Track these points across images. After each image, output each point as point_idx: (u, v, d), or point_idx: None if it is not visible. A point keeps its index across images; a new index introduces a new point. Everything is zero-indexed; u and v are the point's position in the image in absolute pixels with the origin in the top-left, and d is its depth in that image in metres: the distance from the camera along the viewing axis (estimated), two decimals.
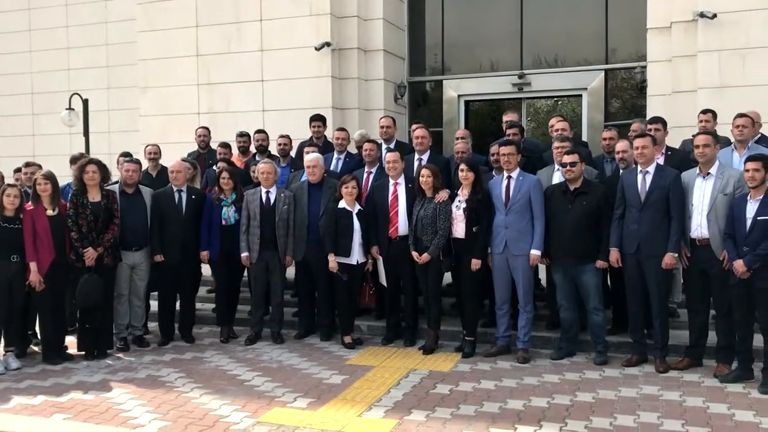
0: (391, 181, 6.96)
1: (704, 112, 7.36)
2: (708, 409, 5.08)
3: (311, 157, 7.20)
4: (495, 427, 4.81)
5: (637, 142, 6.04)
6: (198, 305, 8.23)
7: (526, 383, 5.77)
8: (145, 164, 8.50)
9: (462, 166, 6.57)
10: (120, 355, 6.88)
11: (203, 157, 8.95)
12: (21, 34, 15.80)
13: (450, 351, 6.76)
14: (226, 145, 8.73)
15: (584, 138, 11.06)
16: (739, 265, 5.43)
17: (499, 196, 6.46)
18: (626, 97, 11.51)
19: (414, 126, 7.88)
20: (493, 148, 6.95)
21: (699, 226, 5.84)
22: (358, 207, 6.94)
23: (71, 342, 6.90)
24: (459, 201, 6.59)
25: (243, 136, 8.88)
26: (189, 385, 5.85)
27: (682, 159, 6.61)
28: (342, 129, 8.14)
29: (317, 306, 7.36)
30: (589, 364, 6.27)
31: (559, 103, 12.49)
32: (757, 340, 5.65)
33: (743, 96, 8.98)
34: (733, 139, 6.73)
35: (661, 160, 6.59)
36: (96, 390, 5.76)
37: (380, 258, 6.98)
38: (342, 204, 6.89)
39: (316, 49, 11.05)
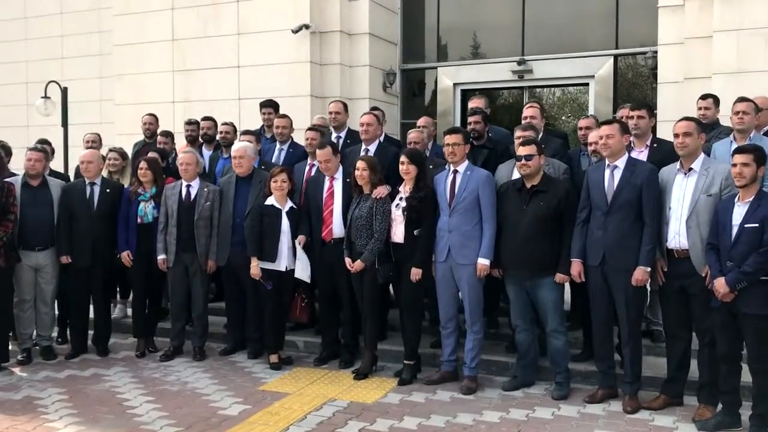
0: (327, 175, 6.00)
1: (703, 97, 6.22)
2: None
3: (238, 146, 6.27)
4: None
5: (602, 130, 4.96)
6: (129, 312, 7.43)
7: (458, 423, 4.74)
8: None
9: (402, 158, 5.55)
10: (16, 369, 6.06)
11: (148, 147, 8.08)
12: (17, 21, 15.30)
13: (389, 375, 5.76)
14: (167, 134, 7.87)
15: None
16: (720, 284, 4.32)
17: (443, 194, 5.44)
18: (637, 84, 10.28)
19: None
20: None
21: (677, 234, 4.72)
22: (289, 204, 5.99)
23: None
24: (399, 199, 5.59)
25: (191, 124, 7.98)
26: (62, 412, 4.98)
27: (669, 153, 5.41)
28: (283, 116, 7.16)
29: (247, 318, 6.41)
30: (546, 398, 5.21)
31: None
32: (746, 376, 4.51)
33: (764, 82, 7.72)
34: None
35: (643, 155, 5.48)
36: None
37: (300, 246, 5.96)
38: (270, 201, 5.95)
39: (293, 31, 10.11)
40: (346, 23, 10.51)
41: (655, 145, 5.63)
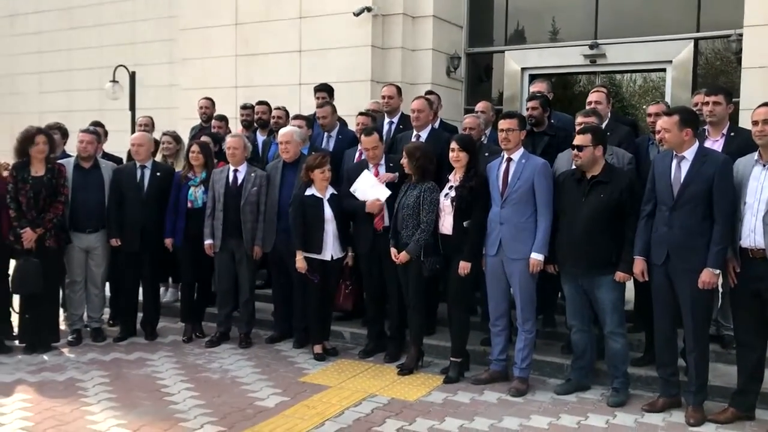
0: (372, 163, 5.77)
1: None
2: None
3: (284, 131, 6.10)
4: None
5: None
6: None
7: (502, 427, 4.45)
8: None
9: (452, 145, 5.25)
10: (65, 349, 6.10)
11: (204, 131, 8.03)
12: (91, 8, 15.64)
13: (435, 372, 5.51)
14: (222, 118, 7.79)
15: None
16: None
17: (495, 183, 5.11)
18: (719, 70, 9.59)
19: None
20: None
21: (752, 232, 4.27)
22: (330, 191, 5.78)
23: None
24: (449, 188, 5.30)
25: (246, 108, 7.90)
26: (100, 396, 4.95)
27: (747, 142, 4.89)
28: (324, 104, 6.88)
29: (293, 306, 6.27)
30: (601, 405, 4.85)
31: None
32: None
33: None
34: None
35: (718, 144, 5.02)
36: None
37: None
38: (310, 190, 5.75)
39: (354, 14, 9.88)
40: (410, 5, 10.20)
41: (732, 134, 5.13)
